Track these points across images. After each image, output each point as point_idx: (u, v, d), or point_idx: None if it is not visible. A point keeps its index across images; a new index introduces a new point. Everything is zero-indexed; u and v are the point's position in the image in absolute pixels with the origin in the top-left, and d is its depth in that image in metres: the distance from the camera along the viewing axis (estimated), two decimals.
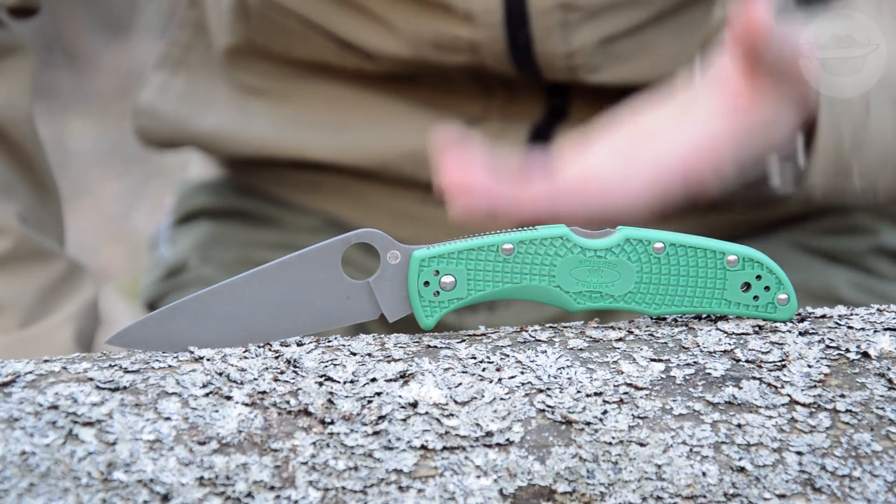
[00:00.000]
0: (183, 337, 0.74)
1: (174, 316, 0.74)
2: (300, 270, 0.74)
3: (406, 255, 0.74)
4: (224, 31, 1.14)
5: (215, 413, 0.68)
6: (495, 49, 1.03)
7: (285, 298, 0.74)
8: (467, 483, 0.67)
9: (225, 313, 0.74)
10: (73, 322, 0.98)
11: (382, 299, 0.74)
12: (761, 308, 0.74)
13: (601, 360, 0.72)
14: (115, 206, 3.38)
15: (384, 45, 1.06)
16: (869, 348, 0.73)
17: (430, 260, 0.74)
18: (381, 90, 1.11)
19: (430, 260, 0.74)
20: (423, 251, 0.74)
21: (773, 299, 0.74)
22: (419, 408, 0.69)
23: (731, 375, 0.71)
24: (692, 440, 0.68)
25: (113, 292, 2.71)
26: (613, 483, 0.67)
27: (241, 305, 0.74)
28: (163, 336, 0.74)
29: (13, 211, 0.98)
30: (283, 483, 0.66)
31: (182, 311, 0.74)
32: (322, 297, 0.75)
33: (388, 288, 0.74)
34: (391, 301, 0.75)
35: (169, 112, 1.19)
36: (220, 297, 0.74)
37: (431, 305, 0.74)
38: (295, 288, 0.74)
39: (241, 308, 0.74)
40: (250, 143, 1.15)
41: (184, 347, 0.73)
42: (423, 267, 0.74)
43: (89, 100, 4.03)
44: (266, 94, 1.14)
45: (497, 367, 0.71)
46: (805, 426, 0.69)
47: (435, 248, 0.74)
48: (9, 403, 0.67)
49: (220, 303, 0.74)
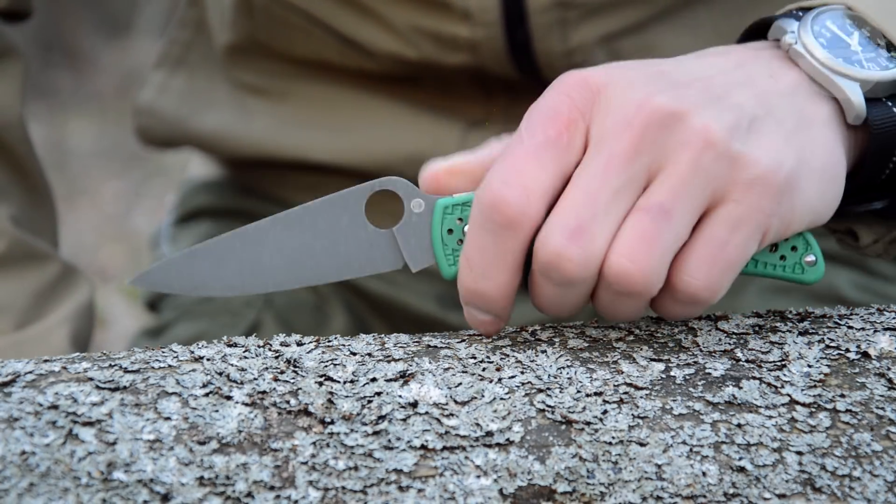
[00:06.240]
0: (204, 280, 0.74)
1: (196, 258, 0.74)
2: (323, 216, 0.74)
3: (430, 203, 0.74)
4: (225, 29, 1.14)
5: (215, 413, 0.68)
6: (494, 48, 1.03)
7: (308, 244, 0.74)
8: (467, 483, 0.67)
9: (248, 257, 0.74)
10: (68, 324, 0.98)
11: (406, 248, 0.74)
12: (788, 269, 0.74)
13: (601, 360, 0.72)
14: (115, 206, 3.38)
15: (384, 43, 1.06)
16: (869, 348, 0.73)
17: (454, 207, 0.73)
18: (382, 92, 1.11)
19: (454, 207, 0.73)
20: (448, 199, 0.73)
21: (801, 260, 0.74)
22: (419, 408, 0.69)
23: (731, 375, 0.71)
24: (692, 440, 0.68)
25: (113, 292, 2.71)
26: (613, 483, 0.67)
27: (263, 249, 0.74)
28: (184, 278, 0.74)
29: (6, 213, 0.98)
30: (283, 483, 0.66)
31: (204, 254, 0.74)
32: (345, 245, 0.74)
33: (412, 236, 0.74)
34: (414, 250, 0.74)
35: (169, 111, 1.19)
36: (243, 240, 0.74)
37: (455, 254, 0.74)
38: (317, 234, 0.74)
39: (264, 252, 0.74)
40: (250, 144, 1.15)
41: (205, 290, 0.73)
42: (446, 214, 0.73)
43: (89, 100, 4.03)
44: (266, 94, 1.14)
45: (497, 367, 0.71)
46: (805, 426, 0.69)
47: (459, 196, 0.73)
48: (9, 403, 0.67)
49: (243, 246, 0.74)
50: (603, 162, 0.70)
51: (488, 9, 1.02)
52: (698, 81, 0.72)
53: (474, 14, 1.02)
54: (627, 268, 0.69)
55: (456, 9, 1.02)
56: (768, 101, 0.73)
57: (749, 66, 0.74)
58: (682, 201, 0.70)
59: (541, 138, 0.70)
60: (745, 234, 0.70)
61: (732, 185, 0.70)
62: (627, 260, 0.69)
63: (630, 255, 0.69)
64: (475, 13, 1.02)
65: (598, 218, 0.69)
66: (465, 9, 1.02)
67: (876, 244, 0.80)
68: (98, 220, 3.26)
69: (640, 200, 0.70)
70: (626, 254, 0.69)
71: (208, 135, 1.17)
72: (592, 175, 0.70)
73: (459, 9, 1.02)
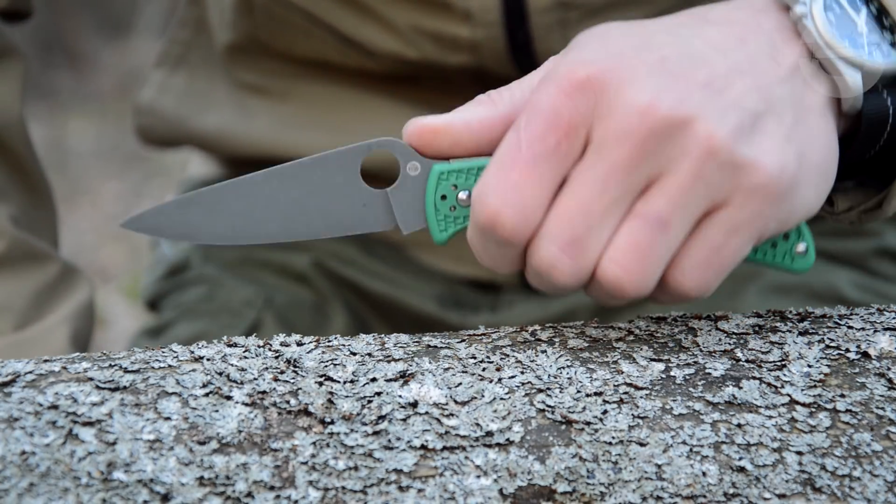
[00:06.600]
0: (196, 228, 0.74)
1: (190, 206, 0.74)
2: (318, 173, 0.74)
3: (426, 167, 0.74)
4: (225, 28, 1.14)
5: (215, 413, 0.68)
6: (495, 48, 1.03)
7: (301, 200, 0.74)
8: (467, 483, 0.67)
9: (240, 208, 0.74)
10: (68, 324, 0.98)
11: (399, 210, 0.74)
12: (779, 256, 0.74)
13: (601, 360, 0.72)
14: (115, 206, 3.39)
15: (384, 42, 1.06)
16: (869, 348, 0.73)
17: (450, 174, 0.73)
18: (382, 91, 1.11)
19: (450, 174, 0.73)
20: (444, 165, 0.73)
21: (791, 249, 0.74)
22: (419, 408, 0.69)
23: (731, 375, 0.71)
24: (692, 440, 0.68)
25: (113, 292, 2.71)
26: (613, 483, 0.67)
27: (256, 202, 0.74)
28: (176, 225, 0.74)
29: (6, 213, 0.98)
30: (283, 483, 0.66)
31: (198, 202, 0.74)
32: (338, 202, 0.74)
33: (406, 199, 0.74)
34: (407, 212, 0.74)
35: (169, 111, 1.19)
36: (237, 191, 0.74)
37: (447, 220, 0.74)
38: (311, 190, 0.74)
39: (257, 205, 0.74)
40: (251, 143, 1.15)
41: (195, 238, 0.73)
42: (441, 180, 0.73)
43: (89, 100, 4.03)
44: (267, 93, 1.14)
45: (497, 367, 0.71)
46: (805, 426, 0.69)
47: (456, 163, 0.73)
48: (9, 403, 0.67)
49: (237, 198, 0.74)
50: (602, 171, 0.69)
51: (489, 9, 1.02)
52: (700, 71, 0.71)
53: (475, 14, 1.02)
54: (620, 276, 0.69)
55: (457, 9, 1.02)
56: (770, 92, 0.72)
57: (751, 43, 0.73)
58: (681, 212, 0.69)
59: (540, 148, 0.70)
60: (743, 239, 0.70)
61: (734, 191, 0.69)
62: (621, 269, 0.69)
63: (624, 265, 0.69)
64: (476, 13, 1.02)
65: (592, 230, 0.69)
66: (465, 9, 1.02)
67: (850, 212, 0.80)
68: (98, 220, 3.26)
69: (638, 205, 0.70)
70: (620, 262, 0.69)
71: (208, 134, 1.17)
72: (591, 184, 0.69)
73: (460, 9, 1.02)
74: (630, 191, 0.69)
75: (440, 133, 0.73)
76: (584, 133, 0.70)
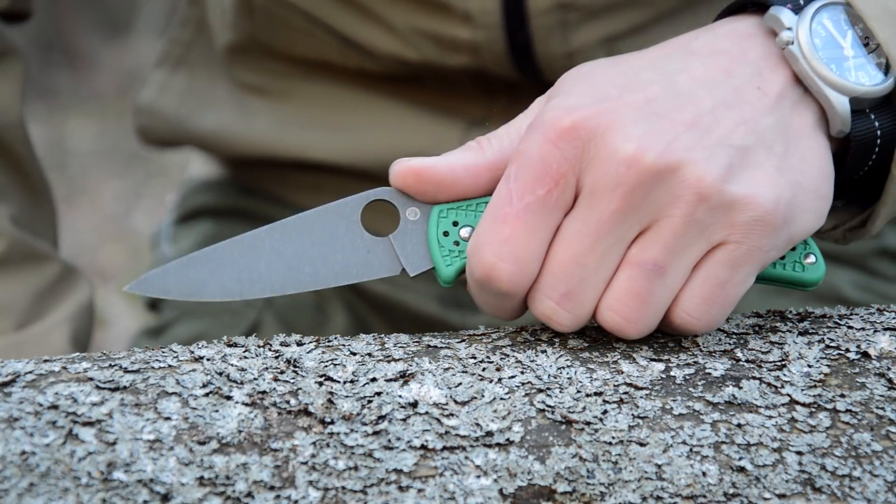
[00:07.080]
0: (202, 285, 0.75)
1: (193, 265, 0.75)
2: (319, 225, 0.75)
3: (425, 210, 0.75)
4: (226, 29, 1.14)
5: (215, 413, 0.68)
6: (495, 50, 1.03)
7: (305, 251, 0.75)
8: (467, 483, 0.67)
9: (245, 263, 0.75)
10: (68, 324, 0.98)
11: (403, 254, 0.75)
12: (788, 266, 0.74)
13: (601, 360, 0.72)
14: (115, 205, 3.38)
15: (384, 43, 1.06)
16: (869, 348, 0.73)
17: (449, 211, 0.75)
18: (383, 91, 1.11)
19: (449, 211, 0.75)
20: (442, 205, 0.75)
21: (800, 258, 0.74)
22: (419, 408, 0.69)
23: (731, 375, 0.71)
24: (692, 440, 0.68)
25: (113, 292, 2.71)
26: (613, 483, 0.67)
27: (260, 256, 0.75)
28: (182, 284, 0.75)
29: (6, 213, 0.98)
30: (283, 483, 0.66)
31: (202, 261, 0.75)
32: (342, 252, 0.76)
33: (409, 243, 0.75)
34: (412, 255, 0.75)
35: (169, 111, 1.19)
36: (240, 247, 0.75)
37: (451, 255, 0.75)
38: (314, 241, 0.75)
39: (261, 259, 0.75)
40: (251, 143, 1.15)
41: (202, 295, 0.73)
42: (441, 217, 0.75)
43: (89, 100, 4.03)
44: (267, 93, 1.14)
45: (497, 367, 0.71)
46: (805, 426, 0.69)
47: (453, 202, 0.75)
48: (9, 403, 0.67)
49: (240, 253, 0.75)
50: (594, 222, 0.70)
51: (489, 11, 1.02)
52: (686, 110, 0.71)
53: (475, 16, 1.02)
54: (620, 323, 0.71)
55: (457, 11, 1.02)
56: (757, 124, 0.72)
57: (736, 75, 0.73)
58: (677, 256, 0.70)
59: (530, 199, 0.70)
60: (745, 273, 0.71)
61: (731, 228, 0.70)
62: (620, 317, 0.71)
63: (623, 313, 0.70)
64: (476, 15, 1.02)
65: (587, 281, 0.70)
66: (465, 11, 1.02)
67: (835, 230, 0.80)
68: (98, 220, 3.26)
69: (633, 253, 0.70)
70: (618, 310, 0.70)
71: (209, 134, 1.17)
72: (583, 235, 0.70)
73: (460, 11, 1.02)
74: (623, 238, 0.70)
75: (423, 176, 0.74)
76: (574, 181, 0.71)
